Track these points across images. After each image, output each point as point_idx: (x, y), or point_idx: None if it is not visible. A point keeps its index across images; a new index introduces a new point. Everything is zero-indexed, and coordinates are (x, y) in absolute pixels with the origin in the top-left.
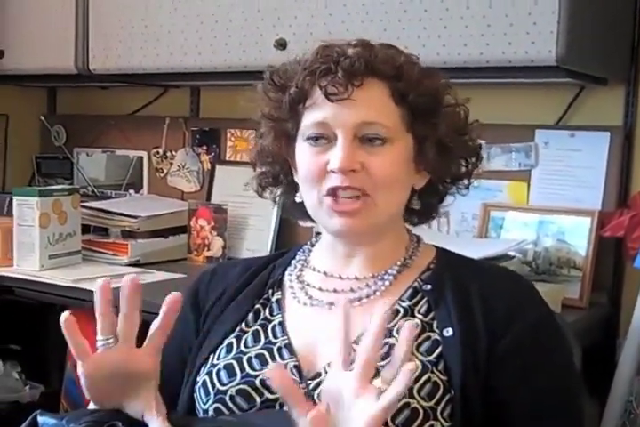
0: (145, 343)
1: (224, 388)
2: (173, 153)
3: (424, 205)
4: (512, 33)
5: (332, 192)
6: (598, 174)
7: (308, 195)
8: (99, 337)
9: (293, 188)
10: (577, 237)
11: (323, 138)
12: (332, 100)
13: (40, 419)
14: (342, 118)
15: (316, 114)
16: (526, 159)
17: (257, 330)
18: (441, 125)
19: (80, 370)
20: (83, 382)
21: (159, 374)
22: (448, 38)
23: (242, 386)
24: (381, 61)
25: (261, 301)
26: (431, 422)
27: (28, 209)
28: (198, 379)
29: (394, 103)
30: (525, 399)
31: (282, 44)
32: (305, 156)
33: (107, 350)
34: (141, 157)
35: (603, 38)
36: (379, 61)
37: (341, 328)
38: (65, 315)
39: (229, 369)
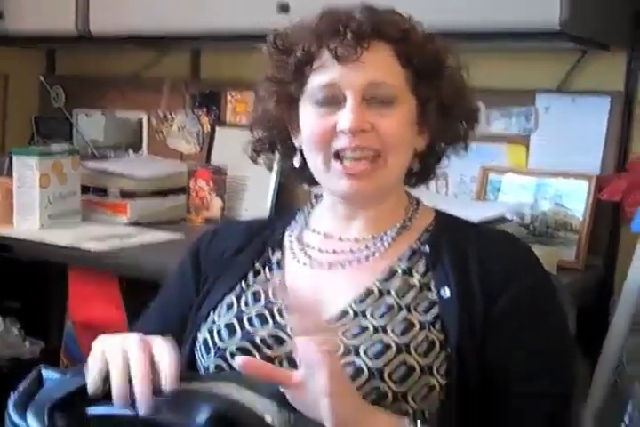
0: None
1: (224, 345)
2: (173, 115)
3: (423, 167)
4: None
5: (341, 154)
6: (598, 139)
7: (314, 158)
8: None
9: (291, 152)
10: (574, 200)
11: (331, 100)
12: (341, 63)
13: (44, 373)
14: (351, 79)
15: (324, 76)
16: (526, 123)
17: (257, 290)
18: (443, 87)
19: None
20: None
21: None
22: (452, 4)
23: (242, 344)
24: (388, 25)
25: (261, 261)
26: (427, 378)
27: (27, 170)
28: (199, 336)
29: (399, 65)
30: (520, 361)
31: (284, 7)
32: (311, 118)
33: None
34: (141, 119)
35: (606, 4)
36: (385, 25)
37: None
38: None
39: (230, 327)
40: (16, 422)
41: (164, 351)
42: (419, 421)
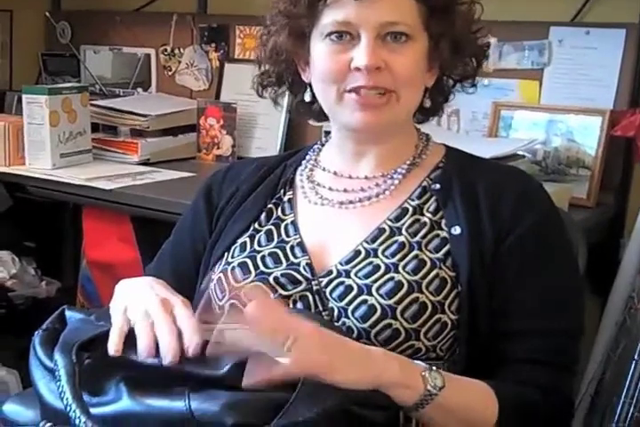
0: None
1: (239, 285)
2: (181, 51)
3: (432, 104)
4: None
5: (357, 90)
6: (612, 73)
7: (326, 92)
8: None
9: (299, 87)
10: (587, 136)
11: (345, 35)
12: None
13: (68, 313)
14: (366, 17)
15: (339, 12)
16: (539, 57)
17: (270, 229)
18: (456, 23)
19: None
20: None
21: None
22: None
23: (257, 283)
24: None
25: (274, 200)
26: (439, 315)
27: (37, 107)
28: (213, 276)
29: (415, 1)
30: (528, 294)
31: None
32: (324, 54)
33: None
34: (149, 55)
35: None
36: None
37: None
38: None
39: (244, 267)
40: (42, 359)
41: (185, 316)
42: (434, 367)
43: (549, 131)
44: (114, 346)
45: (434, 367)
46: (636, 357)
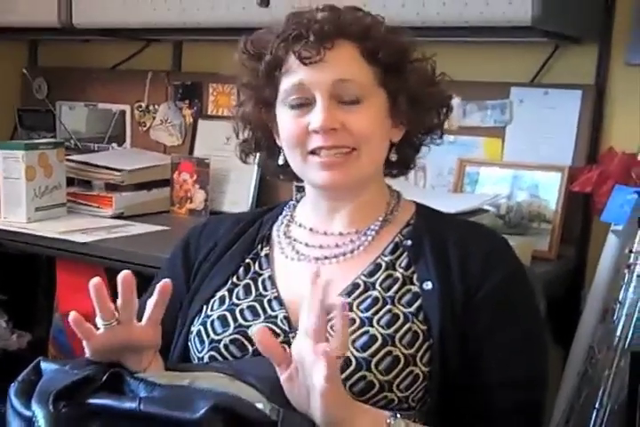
0: (145, 319)
1: (218, 337)
2: (156, 107)
3: (401, 157)
4: None
5: (317, 151)
6: (570, 131)
7: (292, 155)
8: (100, 321)
9: (274, 151)
10: (548, 191)
11: (302, 102)
12: (306, 64)
13: (43, 364)
14: (318, 79)
15: (292, 78)
16: (501, 116)
17: (248, 283)
18: (411, 79)
19: (86, 347)
20: (87, 354)
21: (160, 340)
22: None
23: (235, 336)
24: (349, 23)
25: (251, 255)
26: (411, 367)
27: (14, 162)
28: (192, 329)
29: (365, 62)
30: (496, 347)
31: (264, 1)
32: (286, 120)
33: (110, 329)
34: (124, 111)
35: None
36: (347, 24)
37: (314, 296)
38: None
39: (223, 320)
40: (19, 409)
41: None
42: (398, 414)
43: (512, 186)
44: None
45: (398, 414)
46: (597, 405)
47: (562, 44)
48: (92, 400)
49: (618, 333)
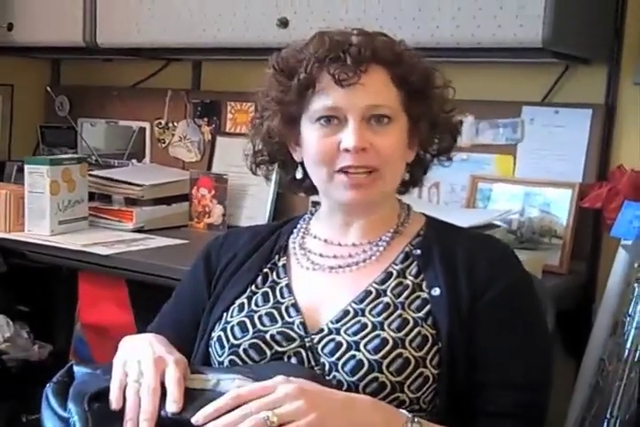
0: None
1: (238, 342)
2: (175, 124)
3: (410, 176)
4: (502, 16)
5: (345, 170)
6: (580, 149)
7: (318, 172)
8: None
9: (290, 165)
10: (559, 207)
11: (333, 119)
12: (342, 86)
13: (75, 368)
14: (353, 102)
15: (327, 99)
16: (513, 134)
17: (266, 291)
18: (433, 104)
19: None
20: None
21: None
22: (441, 20)
23: (254, 340)
24: (383, 49)
25: (269, 265)
26: (421, 369)
27: (39, 177)
28: (213, 335)
29: (395, 87)
30: (500, 351)
31: (284, 23)
32: (315, 137)
33: None
34: (144, 128)
35: (587, 20)
36: (381, 49)
37: None
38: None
39: (242, 326)
40: (55, 408)
41: (173, 378)
42: (417, 418)
43: (524, 202)
44: (115, 400)
45: (416, 419)
46: (607, 416)
47: (572, 64)
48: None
49: (628, 345)
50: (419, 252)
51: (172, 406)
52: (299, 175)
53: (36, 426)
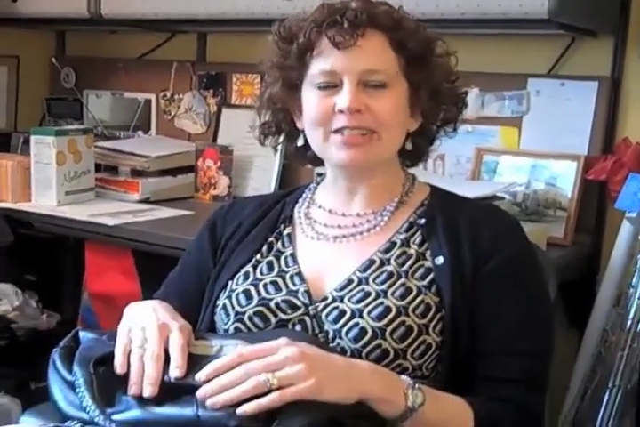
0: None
1: (243, 310)
2: (181, 96)
3: (416, 147)
4: None
5: (341, 131)
6: (585, 122)
7: (315, 134)
8: None
9: (294, 134)
10: (564, 180)
11: (330, 84)
12: (339, 48)
13: (81, 334)
14: (348, 65)
15: (324, 62)
16: (518, 106)
17: (271, 260)
18: (434, 73)
19: None
20: None
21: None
22: None
23: (258, 308)
24: (381, 14)
25: (274, 235)
26: (424, 336)
27: (45, 147)
28: (218, 302)
29: (393, 52)
30: (502, 317)
31: None
32: (313, 100)
33: None
34: (149, 100)
35: None
36: (379, 14)
37: None
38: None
39: (247, 293)
40: (61, 372)
41: (176, 344)
42: (417, 384)
43: (529, 174)
44: (119, 365)
45: (417, 385)
46: (610, 385)
47: (578, 36)
48: None
49: (631, 316)
50: (423, 221)
51: (175, 371)
52: (300, 142)
53: (45, 393)
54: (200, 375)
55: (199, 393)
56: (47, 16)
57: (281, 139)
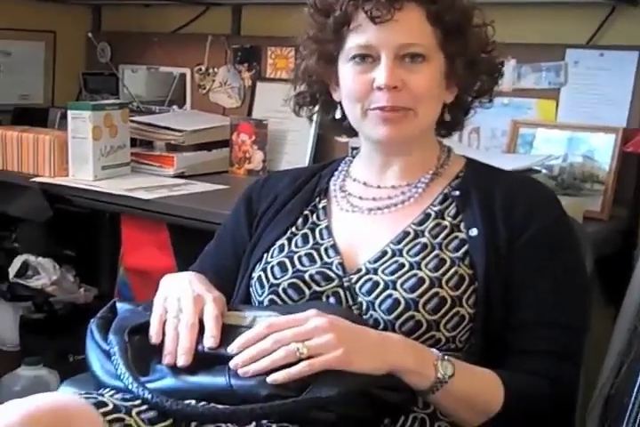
0: None
1: (277, 282)
2: (215, 70)
3: (451, 118)
4: None
5: (378, 108)
6: (625, 93)
7: (353, 109)
8: None
9: (330, 106)
10: (602, 153)
11: (367, 57)
12: (375, 23)
13: (118, 305)
14: (385, 40)
15: (361, 36)
16: (556, 78)
17: (305, 233)
18: (470, 44)
19: None
20: None
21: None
22: None
23: (293, 280)
24: None
25: (309, 207)
26: (457, 308)
27: (81, 122)
28: (254, 275)
29: (430, 25)
30: (537, 289)
31: None
32: (349, 75)
33: None
34: (184, 74)
35: None
36: None
37: None
38: None
39: (282, 266)
40: (98, 341)
41: (211, 315)
42: (446, 356)
43: (565, 147)
44: (155, 334)
45: (446, 357)
46: None
47: (618, 5)
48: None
49: None
50: (457, 193)
51: (210, 341)
52: (338, 115)
53: (83, 365)
54: (232, 347)
55: (231, 363)
56: None
57: (316, 109)
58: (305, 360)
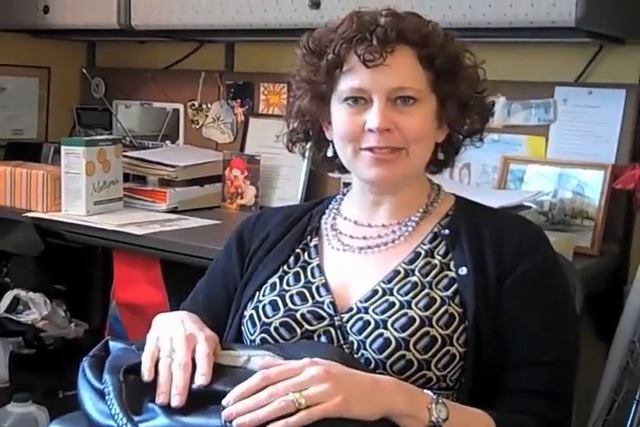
0: None
1: (269, 320)
2: (208, 106)
3: (444, 156)
4: None
5: (370, 149)
6: (613, 130)
7: (345, 149)
8: None
9: (323, 143)
10: (591, 189)
11: (360, 100)
12: (368, 66)
13: (111, 343)
14: (378, 83)
15: (354, 79)
16: (545, 115)
17: (297, 271)
18: (461, 85)
19: None
20: None
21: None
22: (474, 0)
23: (285, 319)
24: (410, 30)
25: (301, 246)
26: (448, 347)
27: (75, 158)
28: (245, 313)
29: (422, 68)
30: (527, 328)
31: (316, 3)
32: (342, 116)
33: None
34: (177, 110)
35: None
36: (408, 30)
37: None
38: None
39: (274, 304)
40: (91, 380)
41: (203, 354)
42: (441, 399)
43: (556, 183)
44: (147, 371)
45: (441, 399)
46: (637, 397)
47: (606, 44)
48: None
49: None
50: (447, 231)
51: (201, 378)
52: (330, 153)
53: (73, 402)
54: (227, 400)
55: (225, 412)
56: (78, 27)
57: (309, 146)
58: (303, 410)
